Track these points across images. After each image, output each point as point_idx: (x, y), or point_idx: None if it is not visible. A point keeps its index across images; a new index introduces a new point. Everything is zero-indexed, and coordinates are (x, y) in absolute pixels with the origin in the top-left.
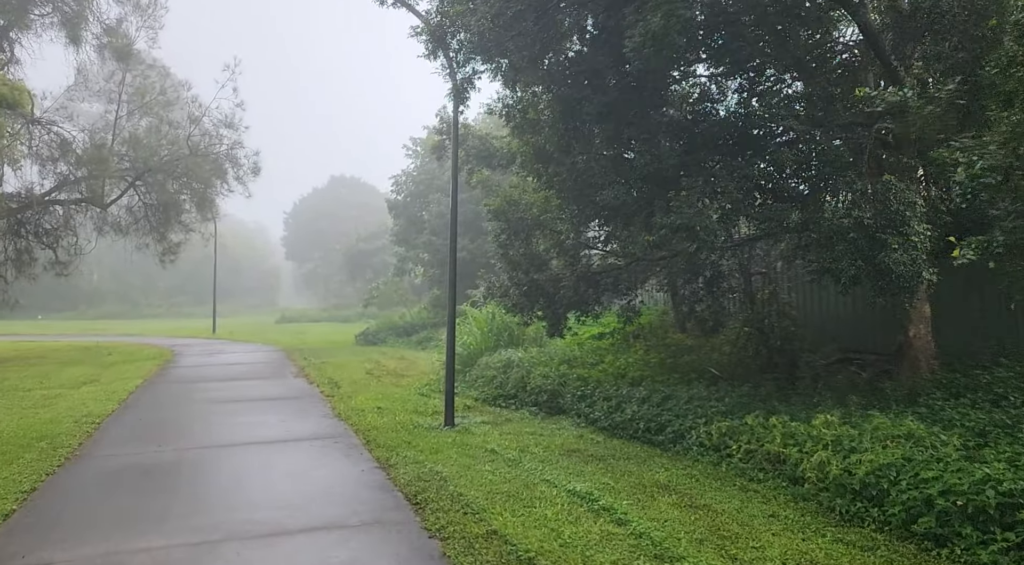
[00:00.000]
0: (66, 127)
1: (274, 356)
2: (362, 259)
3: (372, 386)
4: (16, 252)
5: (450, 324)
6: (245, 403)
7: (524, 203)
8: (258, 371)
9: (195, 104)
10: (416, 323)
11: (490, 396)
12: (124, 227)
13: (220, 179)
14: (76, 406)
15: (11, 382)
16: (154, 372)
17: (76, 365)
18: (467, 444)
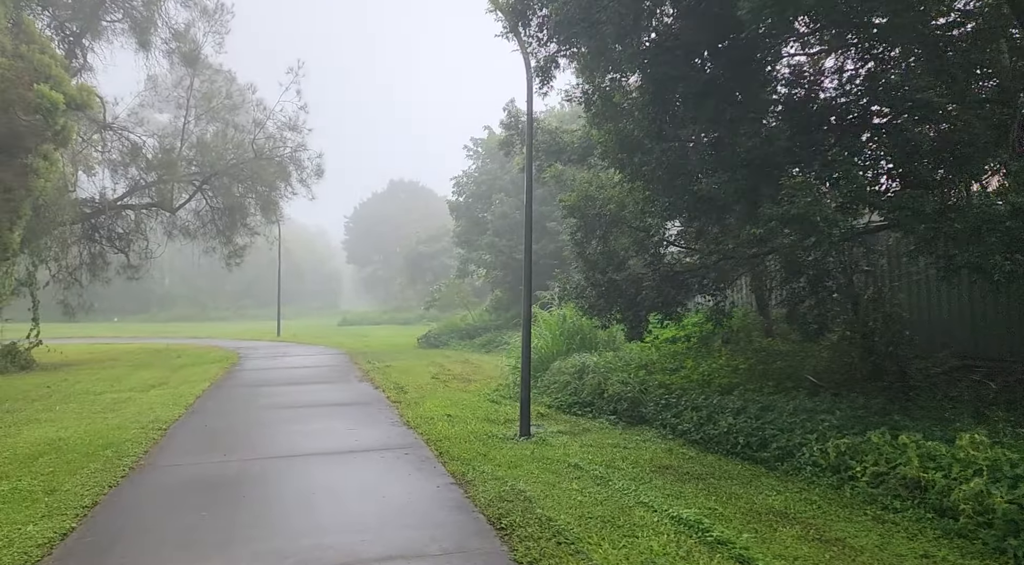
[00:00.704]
0: (137, 132)
1: (338, 359)
2: (422, 262)
3: (439, 391)
4: (91, 256)
5: (525, 328)
6: (311, 409)
7: (602, 198)
8: (323, 375)
9: (259, 107)
10: (478, 326)
11: (564, 403)
12: (192, 231)
13: (284, 181)
14: (144, 411)
15: (83, 385)
16: (221, 375)
17: (146, 368)
18: (547, 457)
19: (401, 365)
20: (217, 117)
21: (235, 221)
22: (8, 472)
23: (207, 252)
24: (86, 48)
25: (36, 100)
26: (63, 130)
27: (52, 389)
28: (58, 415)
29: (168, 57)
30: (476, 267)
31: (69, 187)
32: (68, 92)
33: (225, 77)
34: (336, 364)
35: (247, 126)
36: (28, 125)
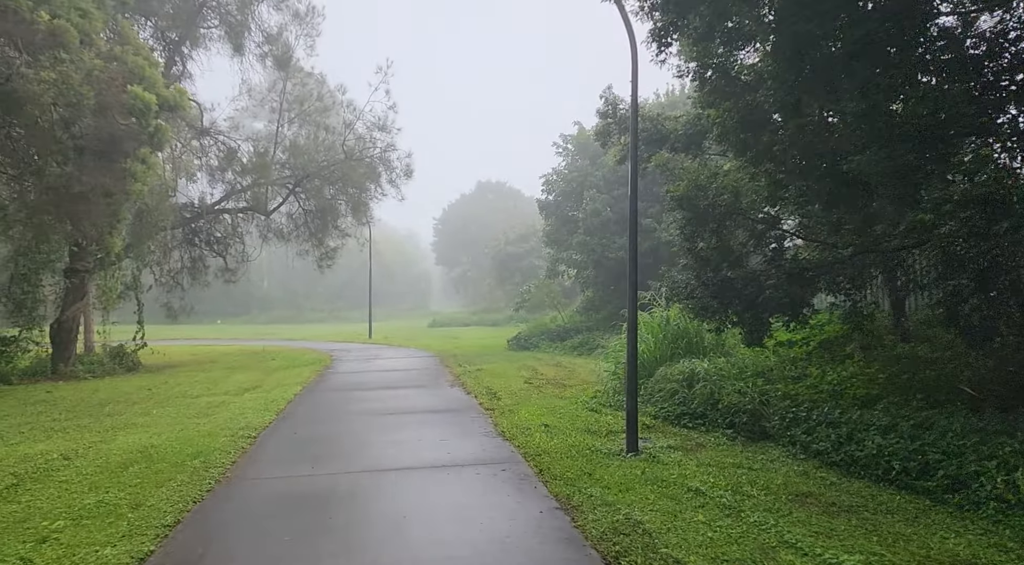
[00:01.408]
0: (233, 137)
1: (428, 362)
2: (510, 262)
3: (533, 398)
4: (191, 260)
5: (631, 333)
6: (401, 416)
7: (714, 187)
8: (413, 379)
9: (349, 108)
10: (569, 327)
11: (671, 414)
12: (286, 234)
13: (373, 182)
14: (235, 416)
15: (181, 388)
16: (312, 379)
17: (242, 371)
18: (662, 479)
19: (492, 368)
20: (309, 120)
21: (327, 223)
22: (98, 483)
23: (300, 255)
24: (185, 55)
25: (130, 101)
26: (158, 132)
27: (152, 392)
28: (153, 419)
29: (261, 61)
30: (566, 267)
31: (169, 192)
32: (161, 93)
33: (316, 80)
34: (427, 367)
35: (337, 128)
36: (126, 129)
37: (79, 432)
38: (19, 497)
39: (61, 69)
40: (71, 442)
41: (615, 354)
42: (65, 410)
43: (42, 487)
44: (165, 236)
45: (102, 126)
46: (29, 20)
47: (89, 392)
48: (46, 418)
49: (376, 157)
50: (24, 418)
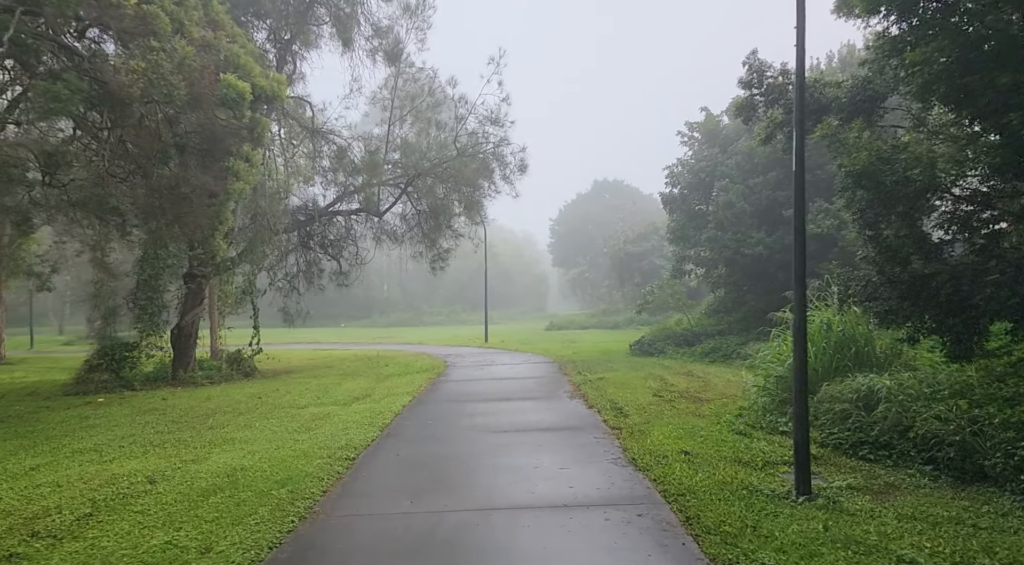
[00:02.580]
0: (343, 136)
1: (546, 369)
2: (630, 263)
3: (666, 414)
4: (306, 264)
5: (798, 340)
6: (515, 435)
7: (903, 159)
8: (529, 388)
9: (461, 102)
10: (697, 331)
11: (844, 442)
12: (399, 235)
13: (486, 180)
14: (337, 432)
15: (291, 397)
16: (424, 387)
17: (355, 378)
18: (855, 540)
19: (615, 377)
20: (420, 117)
21: (440, 223)
22: (175, 515)
23: (414, 257)
24: (296, 54)
25: (223, 91)
26: (256, 126)
27: (261, 401)
28: (253, 434)
29: (371, 57)
30: (693, 266)
31: (282, 195)
32: (258, 83)
33: (428, 75)
34: (544, 375)
35: (448, 123)
36: (225, 125)
37: (176, 448)
38: (87, 532)
39: (151, 58)
40: (163, 460)
41: (764, 365)
42: (171, 421)
43: (115, 520)
44: (280, 240)
45: (203, 123)
46: (116, 4)
47: (201, 400)
48: (150, 430)
49: (489, 152)
50: (131, 429)
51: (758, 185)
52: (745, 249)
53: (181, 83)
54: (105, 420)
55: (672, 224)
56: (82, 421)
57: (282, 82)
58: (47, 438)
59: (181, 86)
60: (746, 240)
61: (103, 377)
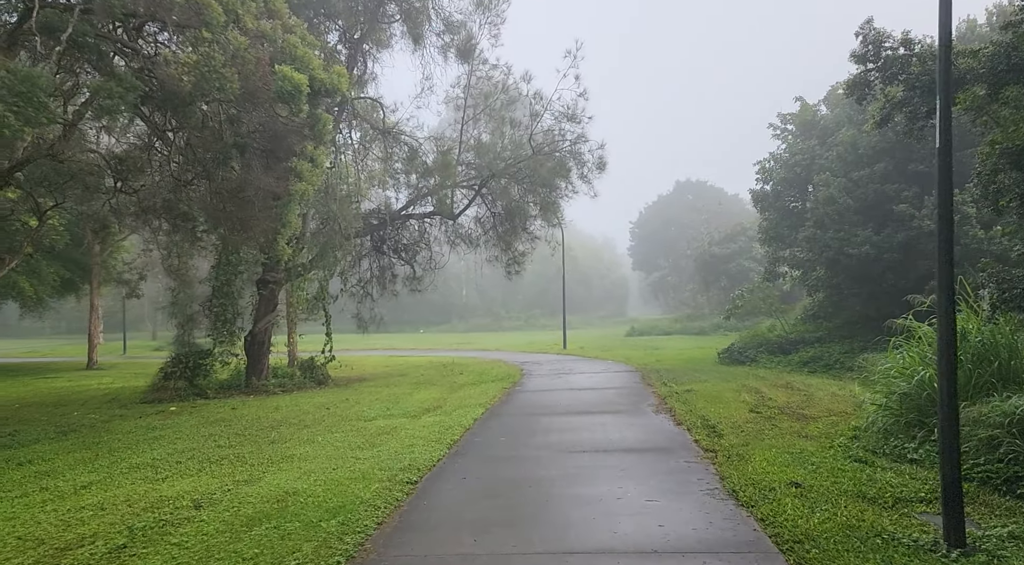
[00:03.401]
0: (415, 137)
1: (627, 378)
2: (716, 265)
3: (767, 435)
4: (379, 269)
5: (944, 355)
6: (595, 456)
7: None
8: (610, 400)
9: (536, 98)
10: (792, 338)
11: (994, 475)
12: (473, 239)
13: (563, 179)
14: (402, 450)
15: (360, 408)
16: (498, 398)
17: (428, 387)
18: None
19: (705, 389)
20: (494, 115)
21: (515, 226)
22: (212, 549)
23: (490, 261)
24: (366, 53)
25: (277, 84)
26: (317, 123)
27: (329, 412)
28: (314, 451)
29: (443, 54)
30: (788, 267)
31: (354, 198)
32: (316, 75)
33: (502, 71)
34: (626, 385)
35: (523, 121)
36: (286, 123)
37: (232, 466)
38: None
39: (203, 50)
40: (216, 480)
41: (885, 380)
42: (235, 434)
43: (148, 553)
44: (352, 245)
45: (264, 122)
46: None
47: (269, 410)
48: (212, 444)
49: (566, 150)
50: (192, 442)
51: (863, 178)
52: (849, 249)
53: (234, 76)
54: (171, 431)
55: (764, 223)
56: (148, 432)
57: (342, 74)
58: (109, 450)
59: (234, 79)
60: (850, 239)
61: (178, 385)
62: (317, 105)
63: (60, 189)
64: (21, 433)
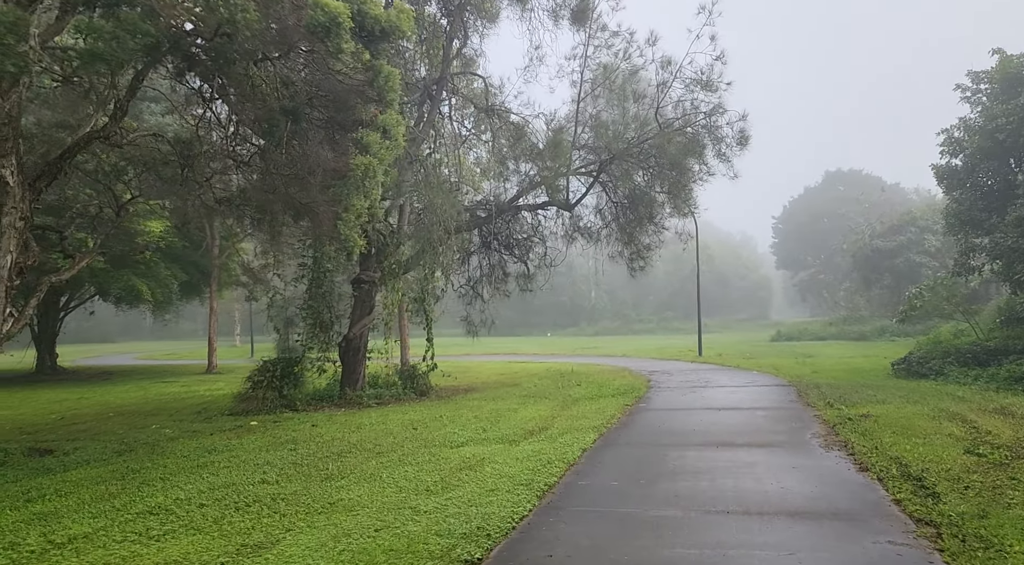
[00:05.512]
0: (523, 115)
1: (779, 395)
2: (878, 261)
3: (1010, 495)
4: (489, 267)
5: None
6: (743, 522)
7: None
8: (759, 426)
9: (663, 65)
10: (991, 346)
11: None
12: (593, 232)
13: (696, 158)
14: (479, 498)
15: (450, 429)
16: (617, 419)
17: (537, 402)
18: None
19: (888, 414)
20: (615, 88)
21: (639, 216)
22: None
23: (612, 256)
24: (466, 24)
25: (308, 15)
26: (376, 77)
27: (415, 433)
28: (371, 493)
29: (553, 18)
30: (989, 259)
31: (455, 187)
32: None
33: (623, 38)
34: (778, 405)
35: (648, 92)
36: (341, 80)
37: (255, 517)
38: None
39: None
40: (221, 542)
41: None
42: (292, 463)
43: None
44: (456, 240)
45: (319, 81)
46: None
47: (349, 430)
48: (257, 477)
49: (699, 124)
50: (237, 474)
51: None
52: None
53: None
54: (225, 456)
55: (953, 206)
56: (201, 457)
57: (404, 11)
58: (141, 483)
59: (249, 7)
60: None
61: (267, 395)
62: (377, 54)
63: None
64: (80, 451)
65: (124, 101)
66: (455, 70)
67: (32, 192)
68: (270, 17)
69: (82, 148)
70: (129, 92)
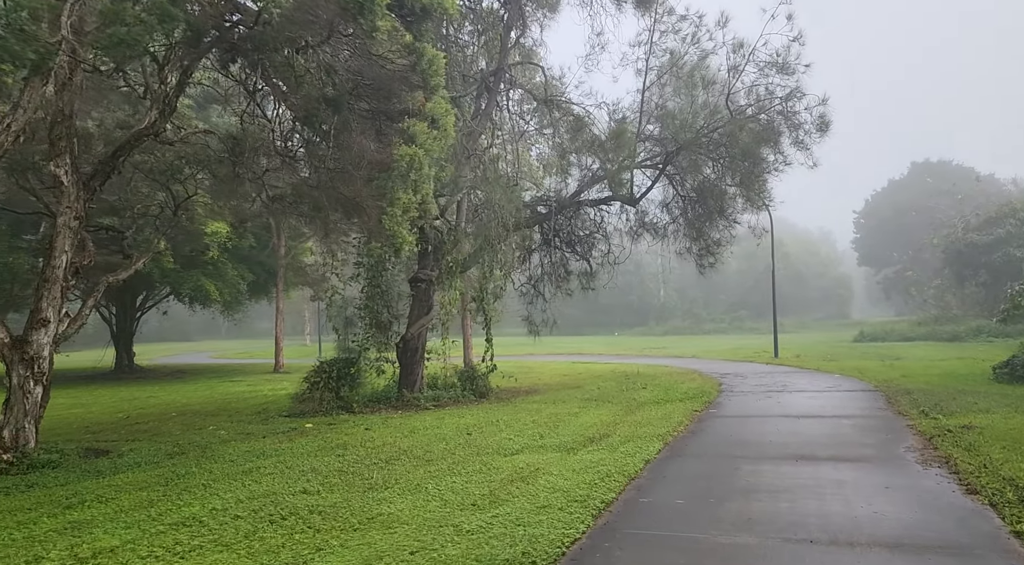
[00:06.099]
0: (584, 104)
1: (865, 401)
2: (973, 256)
3: None
4: (551, 265)
5: None
6: (829, 552)
7: None
8: (846, 438)
9: (735, 48)
10: None
11: None
12: (659, 227)
13: (771, 148)
14: (527, 517)
15: (505, 435)
16: (685, 426)
17: (600, 405)
18: None
19: (995, 425)
20: (682, 76)
21: (709, 209)
22: None
23: (680, 253)
24: (523, 11)
25: None
26: (420, 60)
27: (468, 439)
28: (414, 507)
29: (616, 1)
30: None
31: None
32: None
33: (692, 22)
34: (865, 412)
35: (718, 78)
36: (383, 65)
37: (288, 533)
38: None
39: None
40: (253, 562)
41: None
42: (338, 471)
43: None
44: (515, 237)
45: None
46: None
47: (402, 434)
48: (299, 486)
49: (775, 110)
50: (280, 483)
51: None
52: None
53: None
54: (272, 462)
55: None
56: (249, 461)
57: None
58: (183, 490)
59: None
60: None
61: (324, 396)
62: (420, 36)
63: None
64: (135, 452)
65: (172, 97)
66: (513, 61)
67: (86, 191)
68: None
69: (133, 146)
70: (177, 87)
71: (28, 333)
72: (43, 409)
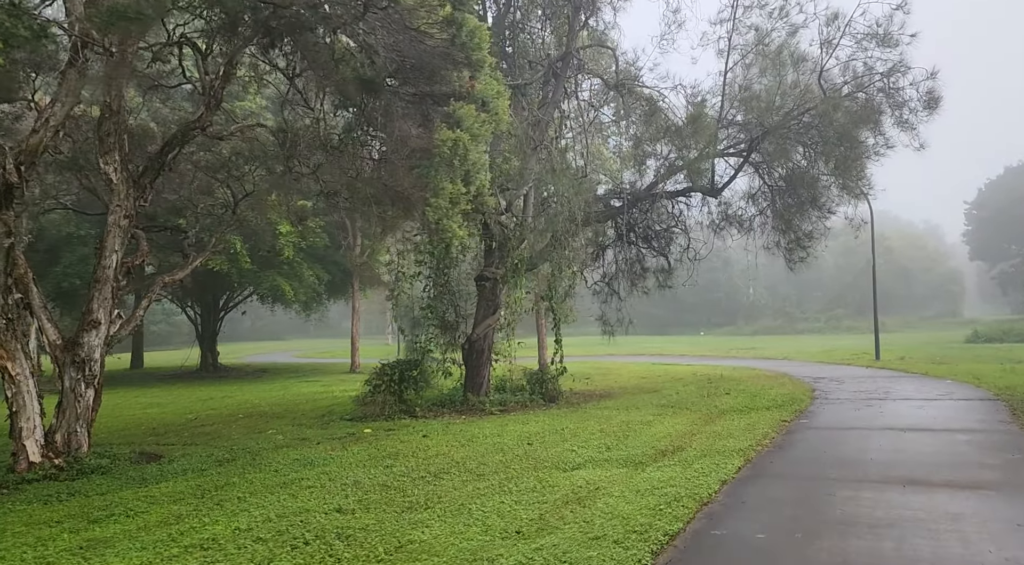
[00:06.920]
0: (659, 88)
1: (984, 413)
2: None
3: None
4: (626, 262)
5: None
6: None
7: None
8: (962, 457)
9: (829, 19)
10: None
11: None
12: (744, 220)
13: (871, 129)
14: (579, 546)
15: (568, 445)
16: (770, 440)
17: (676, 412)
18: None
19: None
20: (768, 53)
21: (800, 199)
22: None
23: (767, 248)
24: None
25: None
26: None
27: (528, 450)
28: (452, 533)
29: None
30: None
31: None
32: None
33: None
34: (985, 427)
35: (808, 54)
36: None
37: (311, 562)
38: None
39: None
40: None
41: None
42: (381, 485)
43: None
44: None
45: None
46: None
47: (459, 443)
48: (335, 503)
49: (874, 87)
50: (320, 497)
51: None
52: None
53: None
54: (317, 472)
55: None
56: (293, 471)
57: None
58: (216, 504)
59: None
60: None
61: (386, 399)
62: (460, 4)
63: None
64: (186, 458)
65: (218, 89)
66: (582, 44)
67: (136, 189)
68: None
69: (182, 142)
70: (223, 78)
71: (79, 335)
72: (95, 412)
